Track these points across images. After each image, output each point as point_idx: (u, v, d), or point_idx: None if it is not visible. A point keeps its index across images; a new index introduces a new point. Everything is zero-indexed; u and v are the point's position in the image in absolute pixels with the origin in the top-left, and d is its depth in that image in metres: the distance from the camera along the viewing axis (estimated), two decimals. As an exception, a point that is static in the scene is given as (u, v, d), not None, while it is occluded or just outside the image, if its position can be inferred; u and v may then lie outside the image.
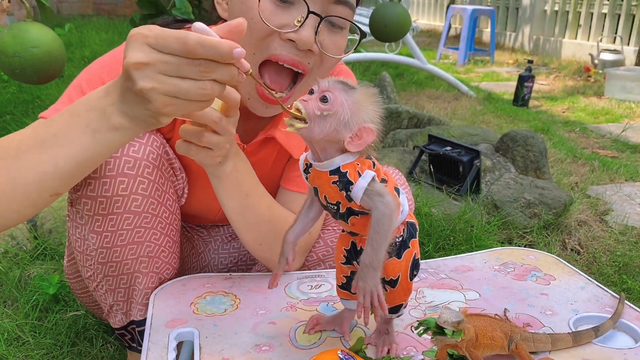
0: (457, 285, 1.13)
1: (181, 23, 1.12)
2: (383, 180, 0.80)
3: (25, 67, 1.14)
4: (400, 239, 0.85)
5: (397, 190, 0.84)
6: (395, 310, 0.88)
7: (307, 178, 0.84)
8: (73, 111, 0.78)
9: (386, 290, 0.86)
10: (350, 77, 1.21)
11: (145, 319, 1.07)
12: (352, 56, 4.15)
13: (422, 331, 0.77)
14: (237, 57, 0.68)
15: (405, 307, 0.89)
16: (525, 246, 1.96)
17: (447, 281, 1.14)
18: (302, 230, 0.88)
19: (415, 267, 0.86)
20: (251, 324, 0.97)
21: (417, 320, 0.97)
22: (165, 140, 1.05)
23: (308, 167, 0.82)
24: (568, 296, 1.08)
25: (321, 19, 0.94)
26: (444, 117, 3.75)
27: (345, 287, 0.90)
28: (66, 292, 1.56)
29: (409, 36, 4.19)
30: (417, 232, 0.89)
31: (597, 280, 1.81)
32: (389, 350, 0.87)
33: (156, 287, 1.08)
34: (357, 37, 1.06)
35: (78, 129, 0.76)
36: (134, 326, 1.09)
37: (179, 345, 0.96)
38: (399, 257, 0.84)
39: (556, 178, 2.62)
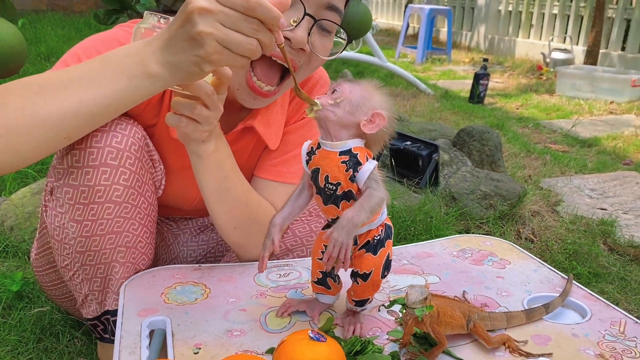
0: (418, 270, 1.18)
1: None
2: None
3: (-15, 61, 1.13)
4: (378, 237, 0.90)
5: None
6: (361, 303, 0.94)
7: (307, 162, 0.88)
8: (106, 57, 0.82)
9: (357, 284, 0.92)
10: (324, 76, 1.27)
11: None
12: (313, 54, 4.18)
13: (390, 304, 0.82)
14: (282, 26, 0.77)
15: (371, 302, 0.95)
16: (483, 234, 2.04)
17: (409, 267, 1.20)
18: (289, 215, 0.92)
19: (387, 267, 0.92)
20: (222, 311, 1.00)
21: (382, 304, 1.03)
22: (146, 133, 1.07)
23: (313, 150, 0.87)
24: (522, 278, 1.15)
25: (315, 21, 1.01)
26: (403, 114, 3.84)
27: (321, 282, 0.96)
28: (30, 289, 1.54)
29: (369, 34, 4.26)
30: (392, 235, 0.95)
31: (549, 267, 1.91)
32: (354, 330, 0.91)
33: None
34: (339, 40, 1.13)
35: (111, 73, 0.80)
36: (108, 316, 1.10)
37: (150, 335, 0.98)
38: (375, 254, 0.90)
39: (510, 171, 2.73)
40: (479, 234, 2.07)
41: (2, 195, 2.05)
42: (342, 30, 1.09)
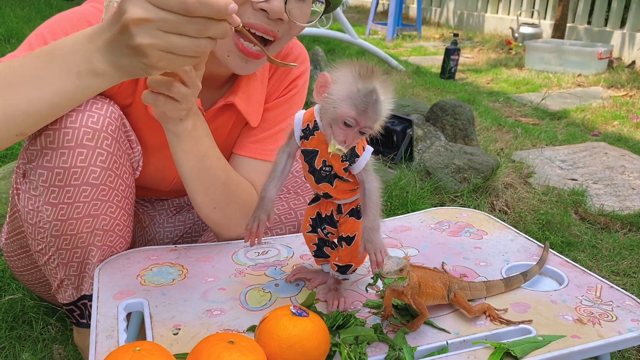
0: (397, 243, 1.18)
1: None
2: None
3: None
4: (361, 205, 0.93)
5: None
6: (344, 270, 0.94)
7: (300, 138, 0.87)
8: (51, 53, 0.79)
9: (342, 247, 0.93)
10: (303, 52, 1.25)
11: (97, 293, 1.06)
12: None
13: (372, 282, 0.82)
14: (232, 12, 0.72)
15: (354, 271, 0.96)
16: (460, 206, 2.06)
17: (388, 240, 1.19)
18: (280, 186, 0.92)
19: None
20: (201, 291, 0.99)
21: (367, 283, 1.02)
22: (122, 113, 1.03)
23: (311, 129, 0.86)
24: (499, 248, 1.16)
25: None
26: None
27: (319, 254, 0.98)
28: (0, 276, 1.50)
29: (339, 11, 4.22)
30: None
31: (523, 237, 1.94)
32: (338, 304, 0.91)
33: None
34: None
35: (59, 71, 0.78)
36: (85, 301, 1.08)
37: (128, 318, 0.96)
38: (358, 219, 0.92)
39: (483, 145, 2.75)
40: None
41: (-34, 182, 1.97)
42: None
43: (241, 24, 0.77)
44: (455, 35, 4.77)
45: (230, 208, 1.11)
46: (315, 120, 0.85)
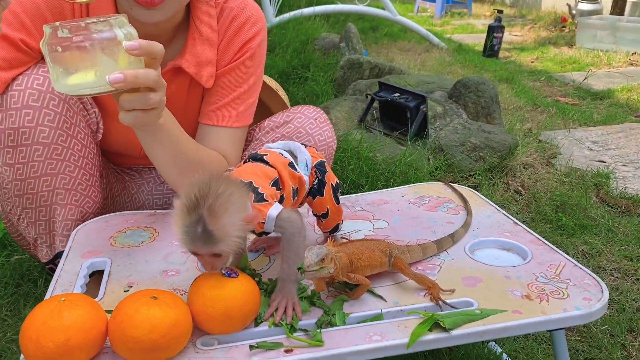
0: (369, 216, 1.18)
1: None
2: (276, 182, 0.87)
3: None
4: (317, 181, 0.97)
5: (292, 164, 0.92)
6: (335, 229, 1.03)
7: None
8: None
9: (321, 221, 1.01)
10: (256, 12, 1.20)
11: (70, 251, 1.12)
12: (321, 8, 4.11)
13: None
14: None
15: (342, 223, 1.04)
16: (468, 187, 2.02)
17: (361, 213, 1.20)
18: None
19: (336, 191, 1.00)
20: (164, 253, 1.03)
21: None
22: None
23: None
24: (473, 223, 1.14)
25: None
26: (412, 68, 3.77)
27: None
28: (12, 238, 1.60)
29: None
30: (327, 165, 1.00)
31: (533, 218, 1.89)
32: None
33: (79, 220, 1.13)
34: None
35: None
36: (59, 259, 1.14)
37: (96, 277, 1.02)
38: (322, 195, 0.98)
39: (510, 124, 2.67)
40: (466, 186, 2.05)
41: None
42: None
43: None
44: (500, 12, 4.61)
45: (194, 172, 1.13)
46: None
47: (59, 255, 1.14)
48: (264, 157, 0.91)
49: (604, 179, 2.16)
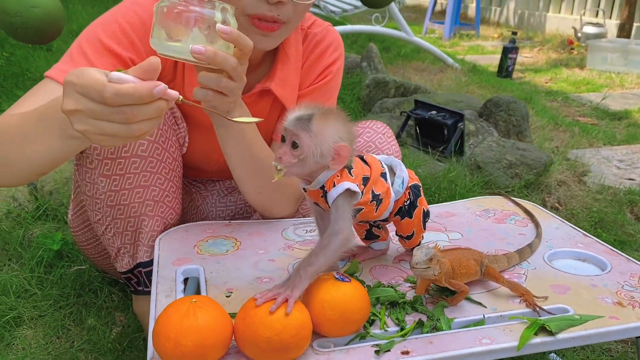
0: (441, 227, 1.21)
1: None
2: (365, 179, 0.90)
3: (27, 27, 1.18)
4: (408, 202, 0.99)
5: (385, 175, 0.95)
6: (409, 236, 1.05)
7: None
8: (43, 114, 0.88)
9: (405, 241, 1.04)
10: (336, 39, 1.27)
11: (151, 260, 1.14)
12: (339, 28, 4.18)
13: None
14: (158, 95, 0.72)
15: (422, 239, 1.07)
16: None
17: (432, 224, 1.23)
18: None
19: (426, 217, 1.03)
20: (252, 261, 1.05)
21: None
22: None
23: (305, 189, 0.91)
24: (544, 235, 1.17)
25: None
26: (429, 87, 3.82)
27: (369, 236, 1.06)
28: (69, 249, 1.62)
29: (395, 9, 4.24)
30: (422, 190, 1.02)
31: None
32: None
33: (161, 231, 1.15)
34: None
35: (45, 131, 0.87)
36: (141, 268, 1.16)
37: (185, 283, 1.04)
38: (410, 217, 1.00)
39: (537, 143, 2.72)
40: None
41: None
42: None
43: (180, 97, 0.77)
44: (514, 33, 4.70)
45: (275, 192, 1.17)
46: None
47: (140, 264, 1.16)
48: (364, 157, 0.94)
49: (636, 196, 2.20)
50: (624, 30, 5.81)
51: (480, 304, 0.90)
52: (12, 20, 1.18)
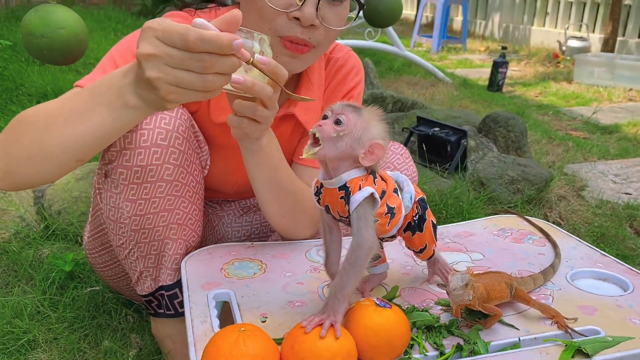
0: (462, 248, 1.23)
1: (207, 2, 1.19)
2: (383, 192, 0.91)
3: (53, 48, 1.19)
4: (417, 216, 0.99)
5: (397, 190, 0.96)
6: (431, 257, 1.05)
7: (318, 200, 0.93)
8: (94, 88, 0.87)
9: (419, 254, 1.03)
10: (358, 63, 1.30)
11: (174, 283, 1.14)
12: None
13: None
14: (237, 48, 0.72)
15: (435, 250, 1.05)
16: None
17: (453, 245, 1.25)
18: (337, 257, 0.97)
19: (435, 228, 1.02)
20: (281, 284, 1.06)
21: (437, 284, 1.08)
22: (191, 115, 1.13)
23: (319, 189, 0.92)
24: (563, 255, 1.20)
25: None
26: (424, 101, 3.87)
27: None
28: (81, 270, 1.61)
29: (388, 23, 4.29)
30: (427, 202, 1.02)
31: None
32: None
33: (184, 254, 1.15)
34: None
35: (98, 106, 0.85)
36: (163, 292, 1.16)
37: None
38: (421, 231, 1.00)
39: (535, 157, 2.76)
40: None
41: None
42: None
43: (252, 59, 0.78)
44: (504, 48, 4.78)
45: (297, 215, 1.18)
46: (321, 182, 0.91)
47: (162, 287, 1.16)
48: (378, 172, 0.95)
49: (634, 210, 2.25)
50: (608, 45, 5.94)
51: (512, 326, 0.92)
52: (38, 42, 1.18)
